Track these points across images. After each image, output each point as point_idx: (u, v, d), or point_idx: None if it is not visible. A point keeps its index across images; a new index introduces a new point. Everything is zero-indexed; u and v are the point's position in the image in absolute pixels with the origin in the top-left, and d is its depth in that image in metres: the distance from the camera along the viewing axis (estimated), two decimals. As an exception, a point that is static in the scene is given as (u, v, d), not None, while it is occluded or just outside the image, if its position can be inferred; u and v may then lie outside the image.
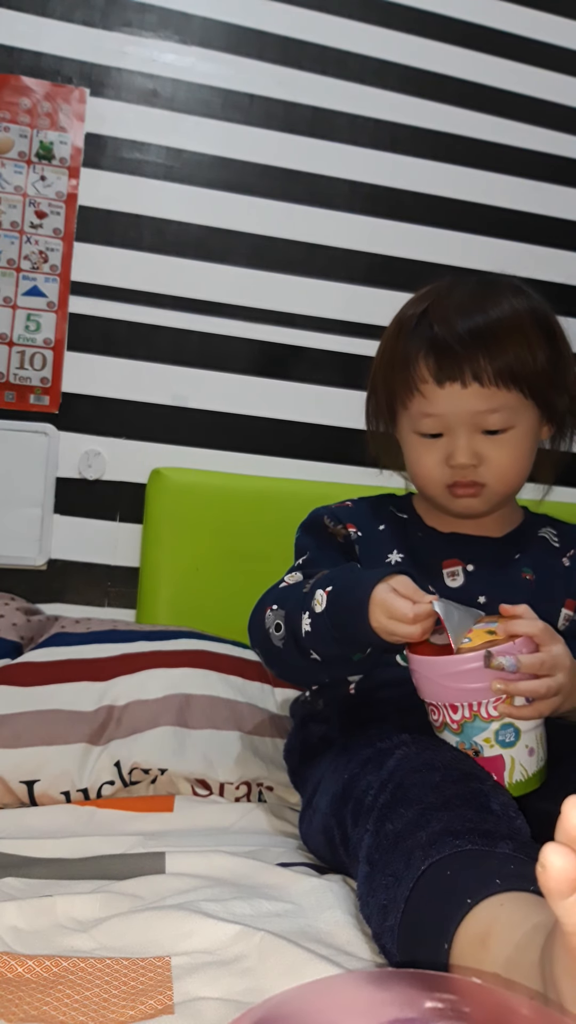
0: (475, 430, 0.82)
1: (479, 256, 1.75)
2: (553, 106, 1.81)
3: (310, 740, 0.90)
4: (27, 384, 1.52)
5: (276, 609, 0.83)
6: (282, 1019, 0.42)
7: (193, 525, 1.50)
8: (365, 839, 0.63)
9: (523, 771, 0.70)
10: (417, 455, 0.86)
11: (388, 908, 0.57)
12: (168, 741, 0.99)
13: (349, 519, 0.91)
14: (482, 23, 1.76)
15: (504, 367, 0.80)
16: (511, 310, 0.82)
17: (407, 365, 0.83)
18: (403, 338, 0.84)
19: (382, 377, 0.88)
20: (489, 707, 0.69)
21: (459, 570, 0.87)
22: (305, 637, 0.79)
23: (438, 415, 0.82)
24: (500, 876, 0.53)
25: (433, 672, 0.71)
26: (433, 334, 0.81)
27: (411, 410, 0.84)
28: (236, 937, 0.58)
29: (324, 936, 0.61)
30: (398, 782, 0.65)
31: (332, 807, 0.73)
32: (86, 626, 1.32)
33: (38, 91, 1.53)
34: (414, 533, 0.90)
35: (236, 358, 1.62)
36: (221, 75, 1.62)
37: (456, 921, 0.51)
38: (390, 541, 0.89)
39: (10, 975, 0.54)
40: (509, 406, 0.81)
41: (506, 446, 0.82)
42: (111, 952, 0.58)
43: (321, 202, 1.67)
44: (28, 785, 0.94)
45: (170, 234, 1.59)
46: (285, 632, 0.81)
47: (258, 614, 0.86)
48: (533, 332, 0.82)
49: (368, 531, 0.90)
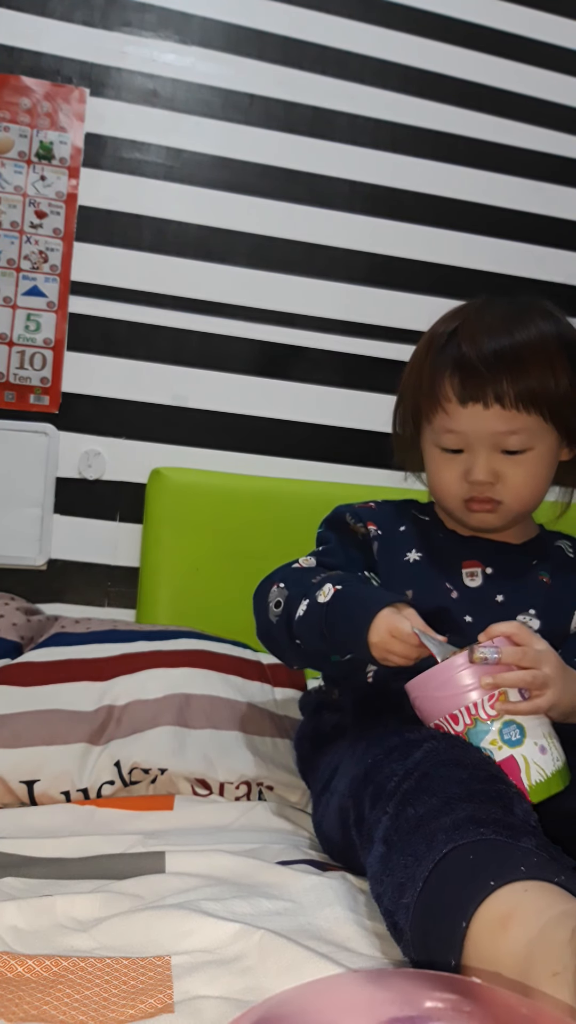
0: (495, 449, 0.84)
1: (479, 256, 1.75)
2: (554, 106, 1.81)
3: (323, 728, 0.91)
4: (27, 384, 1.52)
5: (282, 587, 0.87)
6: (282, 1018, 0.42)
7: (193, 525, 1.50)
8: (383, 820, 0.64)
9: (540, 771, 0.70)
10: (437, 468, 0.89)
11: (405, 886, 0.57)
12: (168, 741, 0.99)
13: (370, 518, 0.94)
14: (483, 23, 1.76)
15: (526, 390, 0.82)
16: (538, 334, 0.84)
17: (433, 382, 0.86)
18: (432, 354, 0.87)
19: (410, 389, 0.91)
20: (486, 707, 0.70)
21: (478, 571, 0.89)
22: (297, 621, 0.82)
23: (460, 432, 0.85)
24: (525, 865, 0.53)
25: (427, 688, 0.73)
26: (460, 354, 0.84)
27: (434, 424, 0.87)
28: (236, 936, 0.58)
29: (324, 933, 0.61)
30: (424, 772, 0.65)
31: (351, 788, 0.73)
32: (86, 626, 1.32)
33: (38, 91, 1.53)
34: (435, 534, 0.93)
35: (236, 358, 1.62)
36: (221, 75, 1.62)
37: (477, 901, 0.51)
38: (410, 541, 0.92)
39: (10, 975, 0.54)
40: (529, 428, 0.84)
41: (524, 466, 0.85)
42: (111, 951, 0.58)
43: (321, 202, 1.67)
44: (28, 785, 0.94)
45: (170, 234, 1.59)
46: (283, 610, 0.85)
47: (265, 585, 0.90)
48: (558, 357, 0.84)
49: (388, 530, 0.93)
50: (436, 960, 0.53)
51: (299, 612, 0.82)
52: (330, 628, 0.79)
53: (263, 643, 0.92)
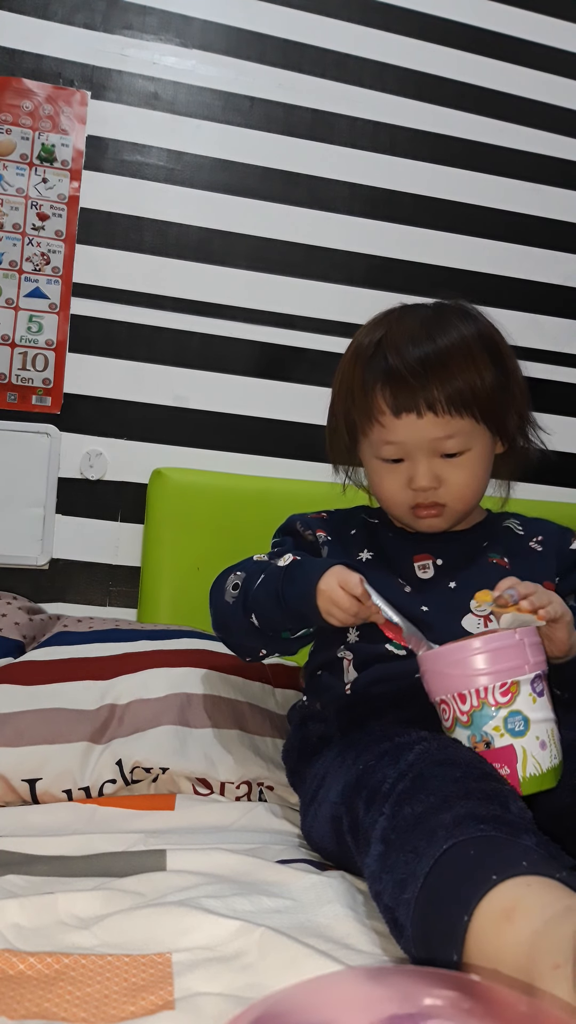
0: (433, 454, 0.87)
1: (478, 259, 1.76)
2: (553, 109, 1.81)
3: (309, 739, 0.91)
4: (29, 385, 1.53)
5: (239, 573, 0.91)
6: (281, 1015, 0.42)
7: (194, 525, 1.50)
8: (380, 821, 0.64)
9: (536, 765, 0.70)
10: (380, 478, 0.91)
11: (406, 881, 0.57)
12: (169, 740, 0.99)
13: (320, 527, 0.97)
14: (481, 26, 1.77)
15: (455, 394, 0.84)
16: (459, 336, 0.86)
17: (365, 396, 0.87)
18: (360, 368, 0.89)
19: (342, 405, 0.92)
20: (496, 693, 0.70)
21: (429, 564, 0.91)
22: (255, 590, 0.85)
23: (398, 443, 0.87)
24: (526, 860, 0.53)
25: (439, 663, 0.73)
26: (388, 365, 0.85)
27: (371, 438, 0.89)
28: (236, 933, 0.58)
29: (324, 930, 0.61)
30: (418, 772, 0.65)
31: (343, 796, 0.73)
32: (88, 625, 1.33)
33: (40, 94, 1.54)
34: (384, 534, 0.96)
35: (236, 359, 1.62)
36: (222, 78, 1.63)
37: (479, 895, 0.51)
38: (360, 542, 0.95)
39: (11, 972, 0.54)
40: (463, 431, 0.86)
41: (463, 467, 0.88)
42: (112, 949, 0.58)
43: (321, 205, 1.68)
44: (30, 783, 0.94)
45: (171, 236, 1.60)
46: (240, 590, 0.88)
47: (222, 577, 0.94)
48: (481, 357, 0.86)
49: (338, 536, 0.96)
50: (437, 955, 0.53)
51: (257, 581, 0.86)
52: (286, 584, 0.82)
53: (217, 633, 0.95)
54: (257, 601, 0.86)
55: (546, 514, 1.02)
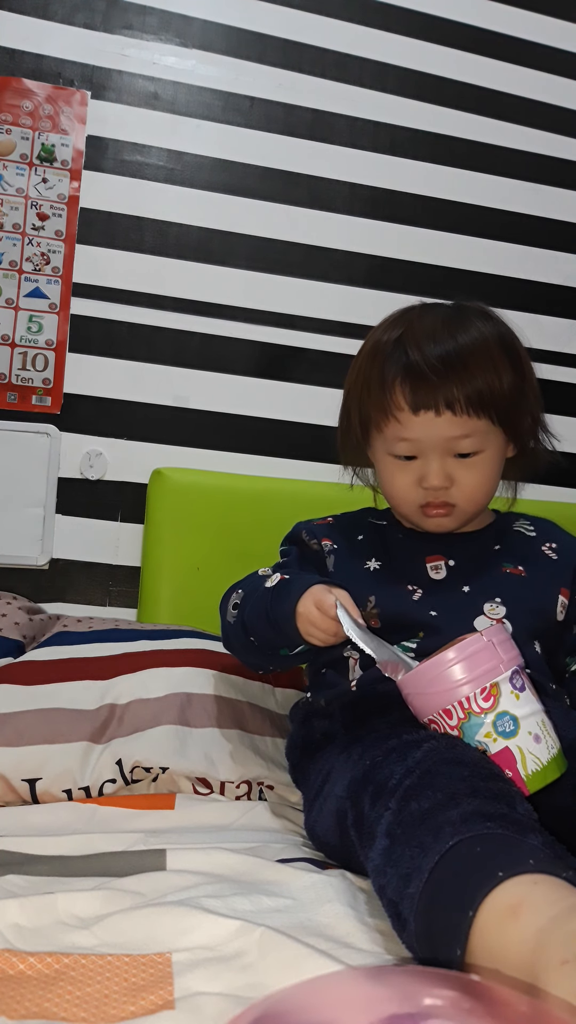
0: (447, 454, 0.87)
1: (478, 259, 1.76)
2: (553, 109, 1.81)
3: (313, 736, 0.91)
4: (29, 385, 1.53)
5: (240, 592, 0.93)
6: (282, 1015, 0.42)
7: (194, 525, 1.50)
8: (385, 816, 0.64)
9: (536, 760, 0.70)
10: (391, 475, 0.90)
11: (411, 876, 0.57)
12: (169, 740, 0.99)
13: (326, 534, 0.97)
14: (481, 26, 1.77)
15: (474, 394, 0.84)
16: (479, 336, 0.86)
17: (383, 391, 0.87)
18: (378, 363, 0.88)
19: (357, 400, 0.92)
20: (478, 700, 0.70)
21: (442, 564, 0.91)
22: (248, 611, 0.87)
23: (413, 440, 0.87)
24: (533, 859, 0.53)
25: (418, 685, 0.73)
26: (409, 361, 0.85)
27: (386, 433, 0.89)
28: (236, 933, 0.58)
29: (324, 929, 0.61)
30: (426, 769, 0.65)
31: (349, 790, 0.73)
32: (88, 625, 1.33)
33: (40, 94, 1.54)
34: (394, 536, 0.95)
35: (237, 359, 1.62)
36: (222, 78, 1.63)
37: (485, 891, 0.51)
38: (368, 549, 0.94)
39: (11, 972, 0.54)
40: (479, 431, 0.86)
41: (476, 468, 0.88)
42: (112, 948, 0.58)
43: (321, 204, 1.68)
44: (30, 783, 0.94)
45: (171, 236, 1.60)
46: (239, 610, 0.89)
47: (227, 595, 0.96)
48: (500, 358, 0.86)
49: (344, 543, 0.96)
50: (440, 950, 0.52)
51: (251, 603, 0.88)
52: (274, 604, 0.83)
53: (227, 650, 0.98)
54: (252, 622, 0.87)
55: (547, 514, 1.02)
